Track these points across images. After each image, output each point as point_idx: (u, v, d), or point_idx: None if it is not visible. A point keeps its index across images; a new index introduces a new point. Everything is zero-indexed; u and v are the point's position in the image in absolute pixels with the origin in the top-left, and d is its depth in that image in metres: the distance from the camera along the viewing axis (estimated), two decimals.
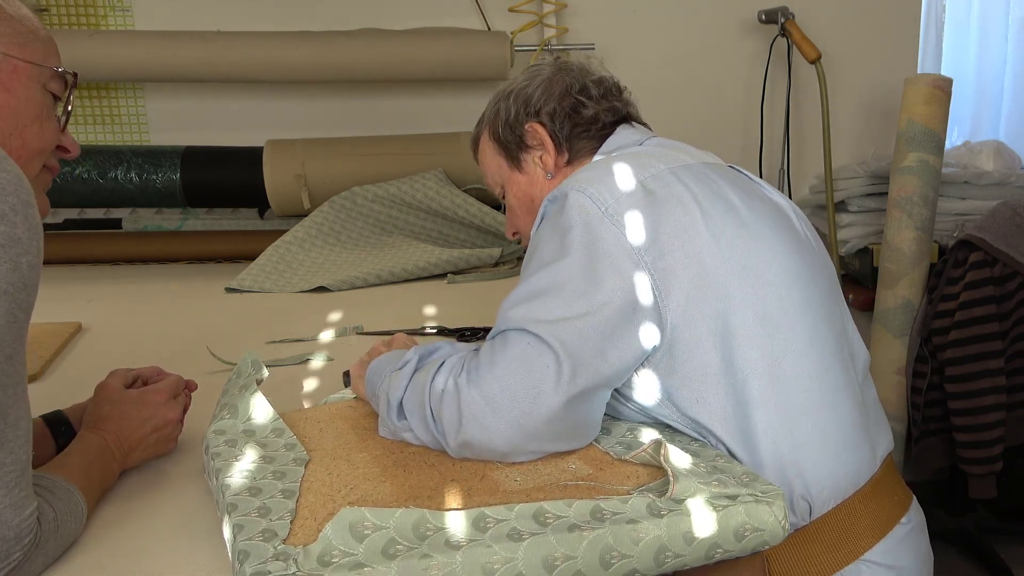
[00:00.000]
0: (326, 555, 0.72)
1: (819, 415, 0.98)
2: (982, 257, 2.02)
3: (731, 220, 0.98)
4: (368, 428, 1.02)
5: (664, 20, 2.50)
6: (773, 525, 0.83)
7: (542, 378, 0.88)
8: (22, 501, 0.72)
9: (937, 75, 2.17)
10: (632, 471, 0.90)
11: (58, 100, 0.93)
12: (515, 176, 1.23)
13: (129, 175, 2.19)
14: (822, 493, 0.98)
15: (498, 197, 1.30)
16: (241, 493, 0.84)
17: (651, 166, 1.01)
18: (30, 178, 0.89)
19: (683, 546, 0.79)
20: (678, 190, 0.98)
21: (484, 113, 1.28)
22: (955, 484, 2.33)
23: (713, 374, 0.95)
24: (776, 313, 0.97)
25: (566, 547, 0.75)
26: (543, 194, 1.16)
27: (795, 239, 1.05)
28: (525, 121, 1.19)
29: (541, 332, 0.90)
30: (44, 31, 0.91)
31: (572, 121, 1.17)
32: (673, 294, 0.93)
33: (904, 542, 1.03)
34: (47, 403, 1.08)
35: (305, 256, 2.07)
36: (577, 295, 0.91)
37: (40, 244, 0.75)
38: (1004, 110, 2.78)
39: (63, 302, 1.83)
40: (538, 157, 1.20)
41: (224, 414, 1.00)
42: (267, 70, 2.18)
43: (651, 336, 0.94)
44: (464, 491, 0.86)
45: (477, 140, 1.30)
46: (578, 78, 1.20)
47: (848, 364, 1.05)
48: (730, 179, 1.05)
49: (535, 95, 1.19)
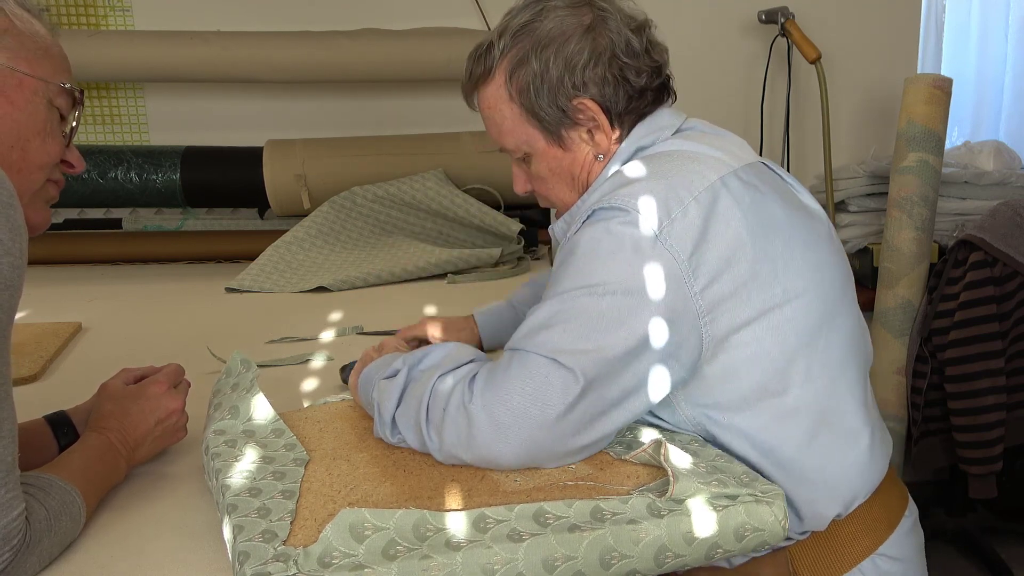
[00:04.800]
0: (326, 556, 0.72)
1: (854, 425, 0.99)
2: (982, 257, 2.02)
3: (776, 239, 0.95)
4: (368, 429, 1.03)
5: (664, 20, 2.49)
6: (773, 525, 0.83)
7: (557, 408, 0.86)
8: (9, 502, 0.72)
9: (937, 75, 2.17)
10: (632, 471, 0.90)
11: (65, 116, 0.94)
12: (553, 151, 1.05)
13: (129, 175, 2.19)
14: (855, 501, 0.99)
15: (511, 156, 1.11)
16: (241, 494, 0.84)
17: (702, 176, 0.95)
18: (32, 191, 0.90)
19: (683, 546, 0.79)
20: (728, 205, 0.93)
21: (491, 50, 1.04)
22: (955, 484, 2.33)
23: (753, 397, 0.94)
24: (814, 331, 0.96)
25: (566, 547, 0.75)
26: (586, 173, 1.06)
27: (829, 249, 1.03)
28: (573, 95, 1.01)
29: (567, 362, 0.87)
30: (57, 49, 0.92)
31: (625, 92, 1.02)
32: (716, 319, 0.91)
33: (909, 534, 1.06)
34: (47, 403, 1.08)
35: (305, 256, 2.07)
36: (614, 326, 0.88)
37: (23, 246, 0.75)
38: (1004, 110, 2.78)
39: (63, 302, 1.83)
40: (585, 133, 1.04)
41: (224, 414, 1.00)
42: (267, 70, 2.18)
43: (684, 368, 0.92)
44: (464, 491, 0.86)
45: (479, 82, 1.07)
46: (619, 30, 1.02)
47: (866, 370, 1.06)
48: (772, 186, 1.01)
49: (581, 59, 1.00)
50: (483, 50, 1.06)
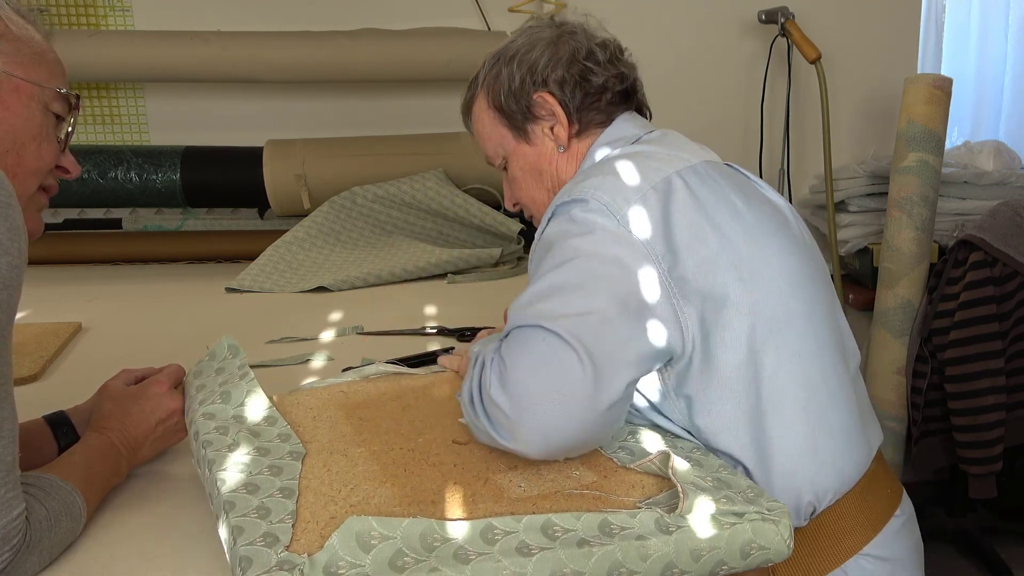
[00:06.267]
0: (332, 565, 0.70)
1: (826, 417, 0.98)
2: (982, 257, 2.02)
3: (736, 225, 0.98)
4: (363, 418, 1.01)
5: (664, 20, 2.50)
6: (778, 544, 0.82)
7: (565, 379, 0.86)
8: (9, 502, 0.72)
9: (937, 75, 2.17)
10: (637, 480, 0.89)
11: (61, 120, 0.94)
12: (521, 148, 1.16)
13: (129, 175, 2.19)
14: (827, 494, 0.98)
15: (496, 167, 1.22)
16: (238, 490, 0.82)
17: (658, 170, 0.99)
18: (25, 197, 0.89)
19: (690, 563, 0.78)
20: (686, 195, 0.97)
21: (477, 76, 1.19)
22: (955, 484, 2.33)
23: (720, 383, 0.94)
24: (783, 318, 0.97)
25: (575, 563, 0.74)
26: (553, 167, 1.14)
27: (795, 241, 1.04)
28: (533, 90, 1.12)
29: (558, 328, 0.87)
30: (52, 54, 0.92)
31: (583, 90, 1.11)
32: (689, 302, 0.92)
33: (899, 534, 1.04)
34: (47, 403, 1.08)
35: (305, 256, 2.07)
36: (593, 293, 0.89)
37: (22, 245, 0.75)
38: (1004, 110, 2.78)
39: (63, 302, 1.83)
40: (548, 128, 1.13)
41: (215, 399, 0.98)
42: (267, 70, 2.18)
43: (668, 338, 0.92)
44: (468, 496, 0.85)
45: (470, 105, 1.21)
46: (583, 41, 1.13)
47: (845, 363, 1.05)
48: (731, 180, 1.04)
49: (541, 61, 1.12)
50: (472, 80, 1.21)
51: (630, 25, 2.51)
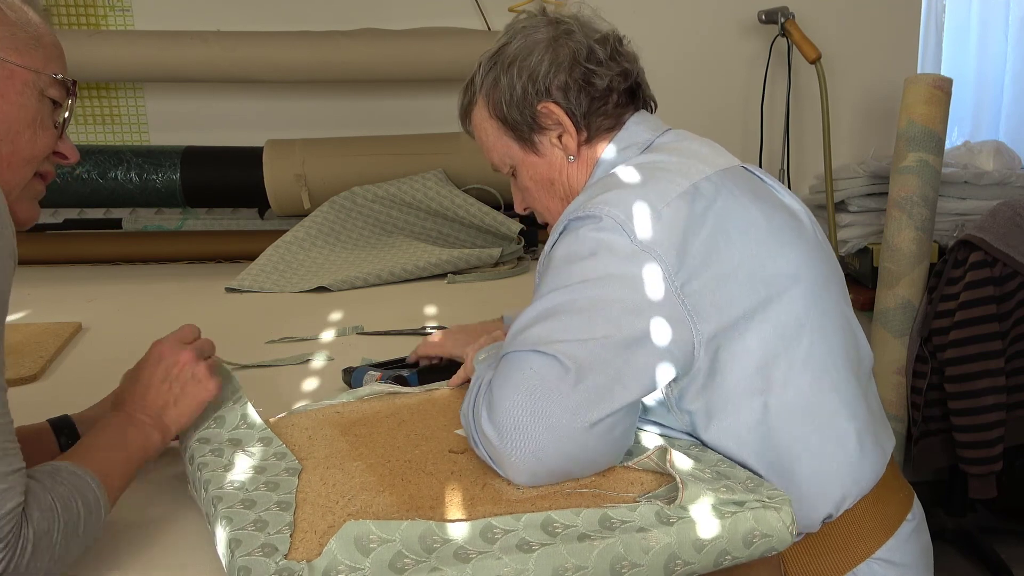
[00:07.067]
0: (331, 570, 0.70)
1: (841, 424, 0.98)
2: (982, 257, 2.02)
3: (752, 238, 0.96)
4: (358, 435, 1.00)
5: (664, 20, 2.50)
6: (781, 531, 0.82)
7: (553, 403, 0.86)
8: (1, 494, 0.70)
9: (937, 75, 2.17)
10: (636, 477, 0.89)
11: (59, 106, 0.92)
12: (530, 159, 1.12)
13: (129, 175, 2.19)
14: (844, 502, 0.98)
15: (504, 174, 1.19)
16: (234, 505, 0.82)
17: (675, 183, 0.96)
18: (20, 185, 0.88)
19: (693, 554, 0.78)
20: (702, 209, 0.95)
21: (473, 80, 1.15)
22: (955, 484, 2.33)
23: (725, 398, 0.94)
24: (795, 332, 0.96)
25: (577, 557, 0.74)
26: (564, 177, 1.12)
27: (810, 249, 1.03)
28: (537, 101, 1.08)
29: (556, 352, 0.87)
30: (49, 37, 0.90)
31: (588, 95, 1.08)
32: (703, 318, 0.91)
33: (910, 539, 1.04)
34: (47, 403, 1.08)
35: (305, 256, 2.07)
36: (595, 318, 0.88)
37: (11, 246, 0.73)
38: (1004, 110, 2.78)
39: (63, 302, 1.83)
40: (556, 138, 1.10)
41: (209, 423, 0.98)
42: (267, 70, 2.18)
43: (677, 362, 0.92)
44: (467, 500, 0.84)
45: (468, 111, 1.18)
46: (582, 40, 1.09)
47: (858, 369, 1.05)
48: (749, 187, 1.02)
49: (542, 68, 1.07)
50: (467, 83, 1.17)
51: (630, 25, 2.51)
